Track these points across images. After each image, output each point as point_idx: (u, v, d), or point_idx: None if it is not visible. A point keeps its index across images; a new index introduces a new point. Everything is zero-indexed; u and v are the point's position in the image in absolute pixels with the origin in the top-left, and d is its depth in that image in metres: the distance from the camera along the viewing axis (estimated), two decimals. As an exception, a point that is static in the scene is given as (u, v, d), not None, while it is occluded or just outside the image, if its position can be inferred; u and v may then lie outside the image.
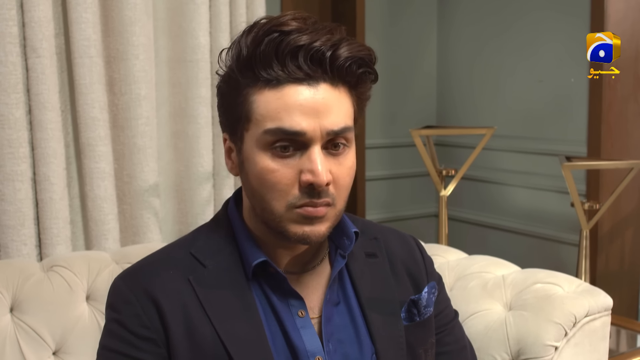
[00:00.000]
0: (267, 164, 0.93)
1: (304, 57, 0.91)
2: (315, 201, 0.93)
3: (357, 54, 0.94)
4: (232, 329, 0.97)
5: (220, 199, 1.86)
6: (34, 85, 1.54)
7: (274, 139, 0.92)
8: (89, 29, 1.60)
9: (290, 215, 0.94)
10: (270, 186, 0.94)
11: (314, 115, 0.92)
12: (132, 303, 0.97)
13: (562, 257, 2.47)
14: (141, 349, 0.96)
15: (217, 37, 1.81)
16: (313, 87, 0.92)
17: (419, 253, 1.18)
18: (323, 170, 0.92)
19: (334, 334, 1.03)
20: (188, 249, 1.03)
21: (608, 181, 2.31)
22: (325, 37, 0.92)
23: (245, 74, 0.94)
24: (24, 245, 1.56)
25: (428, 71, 3.00)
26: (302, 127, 0.91)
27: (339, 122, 0.93)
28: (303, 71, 0.92)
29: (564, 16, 2.44)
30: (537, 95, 2.56)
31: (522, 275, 1.45)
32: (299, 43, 0.91)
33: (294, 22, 0.92)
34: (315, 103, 0.92)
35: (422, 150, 2.19)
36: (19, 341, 1.30)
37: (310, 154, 0.92)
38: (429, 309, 1.10)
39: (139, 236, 1.73)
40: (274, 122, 0.92)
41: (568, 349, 1.32)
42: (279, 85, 0.92)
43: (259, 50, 0.92)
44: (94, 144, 1.64)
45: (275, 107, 0.92)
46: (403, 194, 3.00)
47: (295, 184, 0.93)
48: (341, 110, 0.94)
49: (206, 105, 1.81)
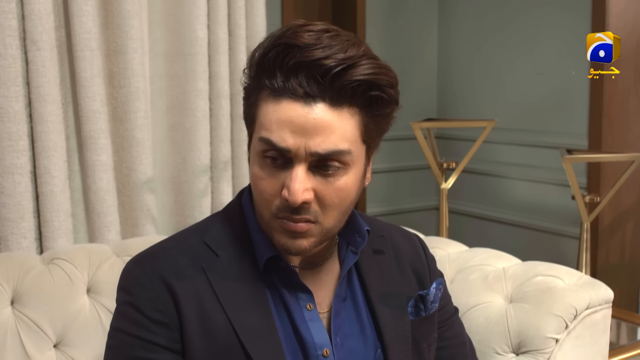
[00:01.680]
0: (257, 170, 0.96)
1: (305, 75, 0.90)
2: (293, 217, 0.94)
3: (366, 77, 0.91)
4: (245, 320, 0.97)
5: (217, 191, 1.86)
6: (34, 78, 1.54)
7: (265, 149, 0.93)
8: (89, 22, 1.60)
9: (274, 223, 0.96)
10: (259, 192, 0.96)
11: (300, 134, 0.91)
12: (146, 286, 0.98)
13: (562, 250, 2.47)
14: (154, 332, 0.96)
15: (215, 30, 1.80)
16: (309, 105, 0.91)
17: (423, 252, 1.19)
18: (299, 189, 0.91)
19: (341, 328, 1.04)
20: (202, 238, 1.03)
21: (609, 174, 2.31)
22: (335, 56, 0.89)
23: (256, 80, 0.95)
24: (23, 238, 1.55)
25: (429, 64, 2.99)
26: (287, 144, 0.91)
27: (328, 145, 0.91)
28: (302, 88, 0.90)
29: (565, 10, 2.43)
30: (538, 89, 2.56)
31: (522, 268, 1.45)
32: (303, 59, 0.89)
33: (306, 35, 0.90)
34: (306, 122, 0.90)
35: (422, 143, 2.19)
36: (19, 334, 1.30)
37: (292, 171, 0.92)
38: (434, 305, 1.12)
39: (138, 228, 1.73)
40: (267, 132, 0.92)
41: (569, 342, 1.32)
42: (279, 97, 0.92)
43: (267, 59, 0.92)
44: (96, 137, 1.64)
45: (270, 118, 0.92)
46: (404, 187, 3.00)
47: (278, 195, 0.94)
48: (336, 132, 0.92)
49: (204, 98, 1.80)
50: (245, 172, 1.91)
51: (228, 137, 1.86)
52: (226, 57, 1.83)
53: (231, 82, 1.86)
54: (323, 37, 0.90)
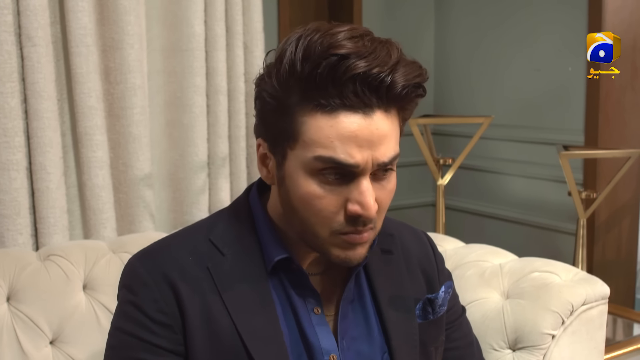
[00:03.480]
0: (314, 189, 0.91)
1: (362, 85, 0.86)
2: (360, 229, 0.92)
3: (414, 80, 0.89)
4: (249, 322, 0.96)
5: (215, 188, 1.86)
6: (30, 74, 1.53)
7: (324, 167, 0.89)
8: (85, 18, 1.59)
9: (334, 240, 0.93)
10: (315, 212, 0.92)
11: (367, 147, 0.88)
12: (150, 286, 0.96)
13: (559, 246, 2.48)
14: (157, 334, 0.95)
15: (212, 26, 1.80)
16: (368, 116, 0.88)
17: (431, 250, 1.17)
18: (372, 202, 0.90)
19: (348, 331, 1.03)
20: (207, 235, 1.01)
21: (605, 170, 2.31)
22: (383, 62, 0.86)
23: (296, 92, 0.89)
24: (19, 234, 1.55)
25: (425, 60, 2.97)
26: (356, 160, 0.88)
27: (390, 152, 0.91)
28: (359, 98, 0.87)
29: (562, 6, 2.43)
30: (535, 85, 2.56)
31: (519, 264, 1.45)
32: (357, 70, 0.85)
33: (350, 42, 0.86)
34: (370, 134, 0.88)
35: (419, 139, 2.19)
36: (16, 330, 1.30)
37: (360, 185, 0.90)
38: (443, 308, 1.10)
39: (135, 225, 1.73)
40: (327, 150, 0.88)
41: (565, 337, 1.32)
42: (333, 112, 0.88)
43: (315, 73, 0.86)
44: (92, 133, 1.63)
45: (327, 134, 0.88)
46: (400, 183, 2.93)
47: (340, 211, 0.91)
48: (392, 138, 0.91)
49: (201, 95, 1.80)
50: (243, 168, 1.90)
51: (226, 134, 1.85)
52: (223, 53, 1.82)
53: (228, 78, 1.85)
54: (365, 42, 0.87)
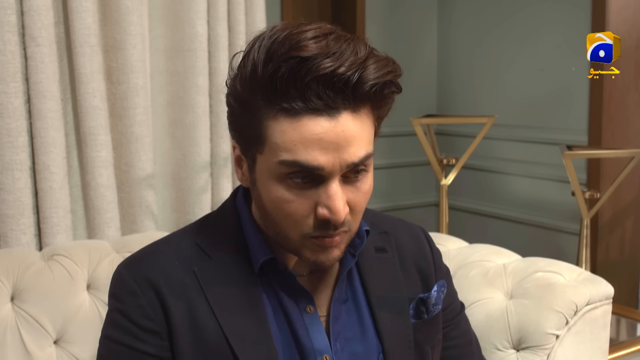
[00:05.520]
0: (282, 193, 0.89)
1: (324, 87, 0.83)
2: (330, 232, 0.90)
3: (384, 77, 0.86)
4: (237, 326, 0.95)
5: (217, 187, 1.86)
6: (33, 74, 1.54)
7: (289, 171, 0.87)
8: (89, 18, 1.60)
9: (305, 242, 0.92)
10: (285, 216, 0.90)
11: (333, 150, 0.85)
12: (136, 294, 0.96)
13: (562, 246, 2.47)
14: (144, 341, 0.95)
15: (215, 26, 1.80)
16: (333, 118, 0.85)
17: (428, 246, 1.15)
18: (341, 206, 0.87)
19: (342, 332, 1.01)
20: (194, 239, 1.01)
21: (609, 170, 2.31)
22: (349, 60, 0.83)
23: (259, 96, 0.87)
24: (23, 234, 1.55)
25: (428, 60, 2.99)
26: (319, 162, 0.85)
27: (360, 153, 0.87)
28: (323, 101, 0.84)
29: (565, 6, 2.43)
30: (538, 85, 2.55)
31: (523, 264, 1.45)
32: (320, 72, 0.82)
33: (313, 42, 0.83)
34: (336, 136, 0.85)
35: (422, 139, 2.18)
36: (19, 330, 1.30)
37: (328, 189, 0.87)
38: (437, 307, 1.08)
39: (137, 224, 1.73)
40: (290, 154, 0.85)
41: (569, 338, 1.32)
42: (297, 115, 0.84)
43: (277, 77, 0.83)
44: (96, 133, 1.63)
45: (291, 138, 0.85)
46: (403, 183, 2.99)
47: (311, 214, 0.89)
48: (363, 138, 0.88)
49: (204, 95, 1.80)
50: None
51: (228, 134, 1.85)
52: (226, 53, 1.82)
53: (231, 79, 1.85)
54: (329, 42, 0.84)
